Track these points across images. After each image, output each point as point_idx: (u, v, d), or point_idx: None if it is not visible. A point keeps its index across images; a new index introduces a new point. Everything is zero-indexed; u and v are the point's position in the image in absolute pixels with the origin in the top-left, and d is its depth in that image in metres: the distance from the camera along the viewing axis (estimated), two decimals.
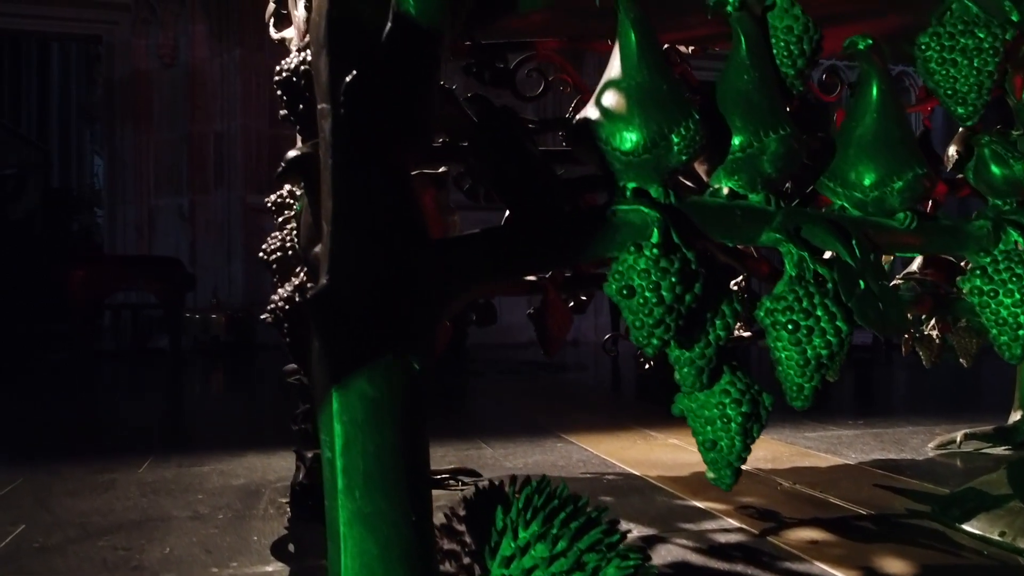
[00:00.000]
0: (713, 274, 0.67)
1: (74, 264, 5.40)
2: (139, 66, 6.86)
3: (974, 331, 1.78)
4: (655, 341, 0.64)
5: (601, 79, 0.66)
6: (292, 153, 0.68)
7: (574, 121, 0.66)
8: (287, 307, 0.89)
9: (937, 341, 1.76)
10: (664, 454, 1.99)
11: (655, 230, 0.63)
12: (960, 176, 1.60)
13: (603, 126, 0.64)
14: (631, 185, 0.65)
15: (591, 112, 0.65)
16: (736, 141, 0.68)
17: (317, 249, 0.67)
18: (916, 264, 1.48)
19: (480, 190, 1.14)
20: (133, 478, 1.78)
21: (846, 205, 0.75)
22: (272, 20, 1.49)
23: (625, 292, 0.62)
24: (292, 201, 1.08)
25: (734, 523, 1.37)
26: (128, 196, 6.89)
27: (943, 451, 1.96)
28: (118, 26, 6.92)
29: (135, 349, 6.17)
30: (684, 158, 0.64)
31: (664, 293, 0.62)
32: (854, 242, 0.72)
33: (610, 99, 0.64)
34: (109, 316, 6.35)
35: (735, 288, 1.53)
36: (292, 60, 0.81)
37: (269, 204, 1.14)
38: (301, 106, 0.81)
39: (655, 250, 0.62)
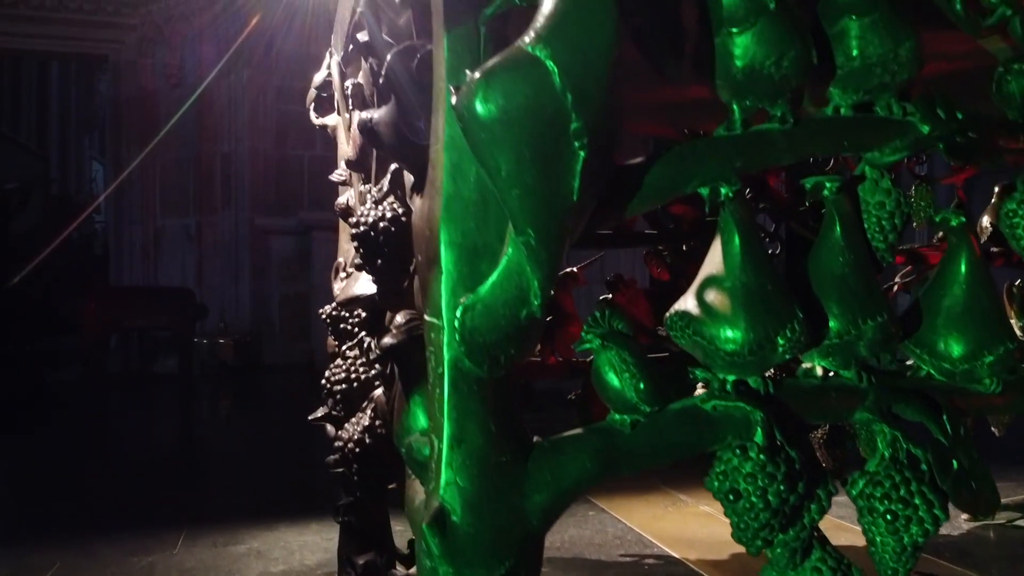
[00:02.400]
0: (811, 464, 0.66)
1: (85, 297, 5.38)
2: (145, 86, 6.85)
3: None
4: (759, 543, 0.63)
5: (701, 272, 0.65)
6: (388, 340, 0.67)
7: (671, 312, 0.66)
8: (357, 449, 0.88)
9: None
10: (699, 528, 1.97)
11: (759, 430, 0.63)
12: (994, 249, 1.60)
13: (704, 323, 0.63)
14: (731, 378, 0.65)
15: (690, 305, 0.65)
16: (833, 327, 0.67)
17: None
18: None
19: None
20: (172, 562, 1.77)
21: (932, 372, 0.75)
22: (313, 105, 1.48)
23: (731, 496, 0.62)
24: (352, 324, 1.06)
25: None
26: (134, 216, 6.88)
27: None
28: (124, 46, 6.91)
29: (141, 372, 6.15)
30: (788, 357, 0.64)
31: (771, 498, 0.62)
32: (945, 418, 0.71)
33: (713, 297, 0.63)
34: (116, 338, 6.33)
35: None
36: (369, 213, 0.80)
37: (326, 316, 1.13)
38: (379, 261, 0.80)
39: (761, 455, 0.62)
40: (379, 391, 0.88)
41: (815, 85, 0.68)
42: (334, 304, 1.11)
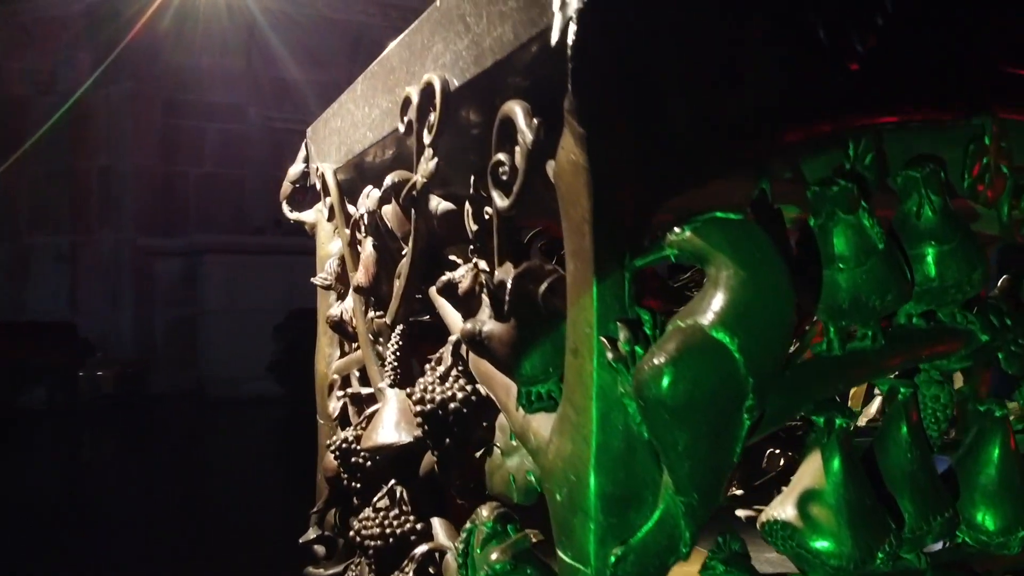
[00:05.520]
0: None
1: None
2: (11, 91, 6.30)
3: None
4: None
5: (797, 481, 0.68)
6: (496, 556, 0.66)
7: (770, 518, 0.68)
8: None
9: None
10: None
11: None
12: None
13: (809, 537, 0.66)
14: None
15: (791, 516, 0.67)
16: (907, 522, 0.72)
17: None
18: None
19: None
20: None
21: (968, 541, 0.81)
22: (286, 200, 1.42)
23: None
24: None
25: None
26: None
27: None
28: None
29: (4, 406, 5.63)
30: (884, 569, 0.68)
31: None
32: None
33: (817, 512, 0.66)
34: None
35: None
36: (435, 391, 0.78)
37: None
38: (447, 440, 0.78)
39: None
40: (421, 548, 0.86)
41: None
42: (344, 438, 1.07)
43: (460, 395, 0.78)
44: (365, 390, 1.19)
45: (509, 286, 0.62)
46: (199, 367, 6.14)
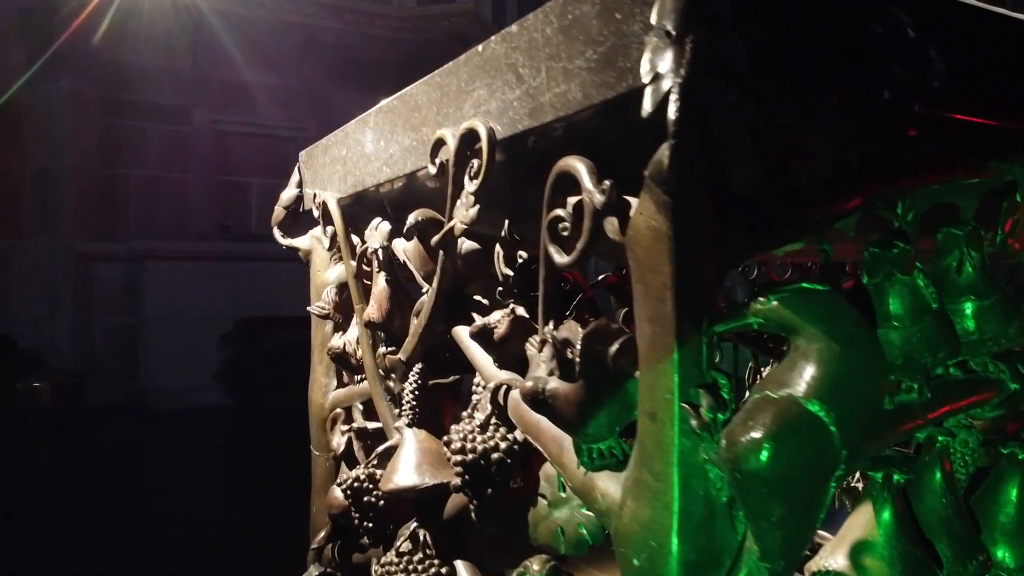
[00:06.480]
0: None
1: None
2: None
3: None
4: None
5: (847, 531, 0.70)
6: None
7: (818, 569, 0.69)
8: None
9: None
10: None
11: None
12: None
13: None
14: None
15: (839, 563, 0.69)
16: (945, 566, 0.74)
17: None
18: None
19: None
20: None
21: None
22: (278, 225, 1.38)
23: None
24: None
25: None
26: None
27: None
28: None
29: None
30: None
31: None
32: None
33: (867, 562, 0.68)
34: None
35: None
36: (476, 440, 0.77)
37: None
38: (489, 490, 0.77)
39: None
40: None
41: None
42: (356, 476, 1.05)
43: (503, 444, 0.77)
44: (371, 425, 1.17)
45: (579, 347, 0.62)
46: (142, 378, 5.94)
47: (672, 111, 0.51)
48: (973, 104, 0.67)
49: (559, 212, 0.67)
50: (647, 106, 0.53)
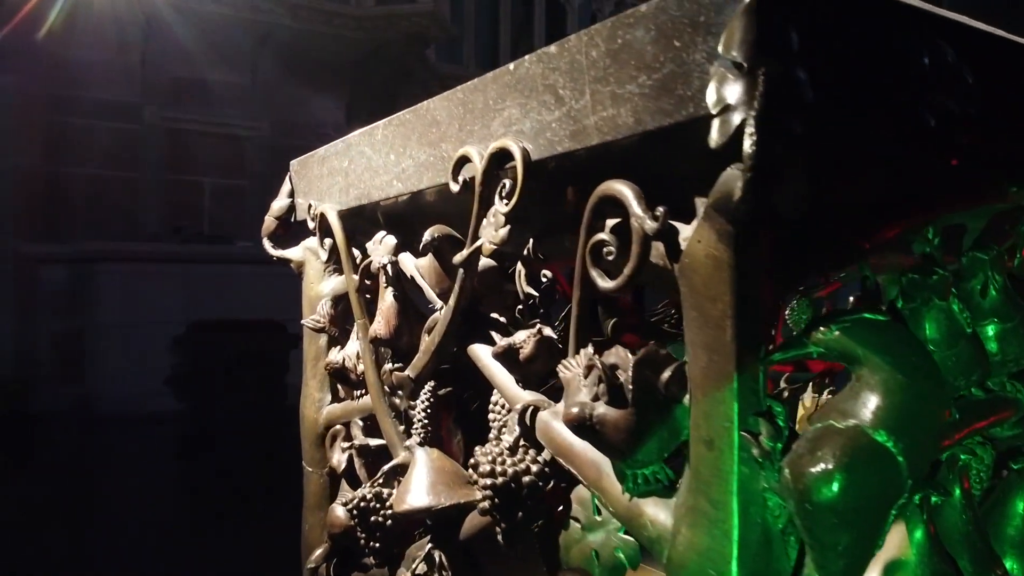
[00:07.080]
0: None
1: None
2: None
3: None
4: None
5: (881, 556, 0.71)
6: None
7: None
8: None
9: None
10: None
11: None
12: None
13: None
14: None
15: None
16: None
17: None
18: None
19: None
20: None
21: None
22: (268, 236, 1.34)
23: None
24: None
25: None
26: None
27: None
28: None
29: None
30: None
31: None
32: None
33: None
34: None
35: None
36: (507, 463, 0.76)
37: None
38: (520, 514, 0.76)
39: None
40: None
41: None
42: (362, 496, 1.03)
43: (534, 467, 0.76)
44: (374, 442, 1.15)
45: (631, 374, 0.61)
46: (88, 383, 5.74)
47: (748, 144, 0.51)
48: (1002, 131, 0.69)
49: (603, 236, 0.66)
50: (716, 137, 0.53)
